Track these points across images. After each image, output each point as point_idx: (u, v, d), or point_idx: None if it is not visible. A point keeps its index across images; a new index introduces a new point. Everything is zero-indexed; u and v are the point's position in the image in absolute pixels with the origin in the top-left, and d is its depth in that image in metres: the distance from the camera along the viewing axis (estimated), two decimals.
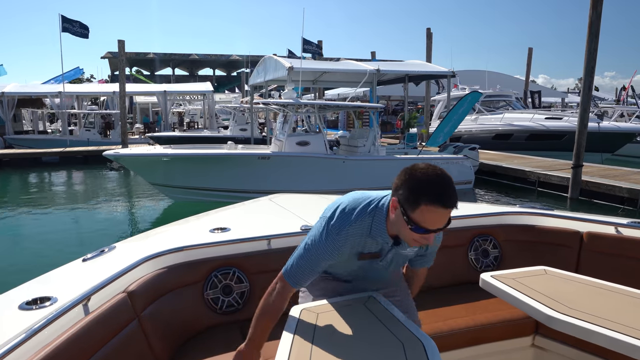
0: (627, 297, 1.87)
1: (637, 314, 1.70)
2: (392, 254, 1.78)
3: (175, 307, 2.30)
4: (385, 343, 1.49)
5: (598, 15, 9.16)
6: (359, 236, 1.69)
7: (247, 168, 9.33)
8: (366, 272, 1.87)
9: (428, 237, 1.55)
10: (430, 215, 1.49)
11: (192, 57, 50.42)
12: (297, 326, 1.60)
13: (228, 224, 2.82)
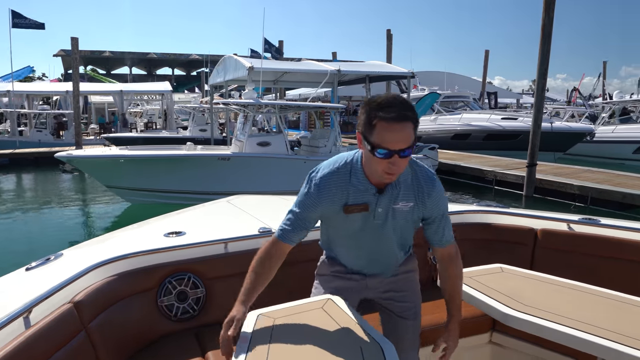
0: (580, 293, 1.92)
1: (589, 310, 1.74)
2: (382, 208, 1.71)
3: (127, 316, 2.20)
4: (343, 346, 1.46)
5: (550, 19, 9.48)
6: (341, 183, 1.70)
7: (207, 169, 9.17)
8: (367, 241, 1.80)
9: (394, 162, 1.53)
10: (388, 133, 1.50)
11: (150, 56, 49.31)
12: (253, 332, 1.55)
13: (184, 227, 2.73)
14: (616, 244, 2.65)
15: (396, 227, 1.79)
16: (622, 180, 10.10)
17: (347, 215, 1.73)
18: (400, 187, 1.71)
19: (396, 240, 1.84)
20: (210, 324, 2.41)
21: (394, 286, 1.93)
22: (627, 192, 8.86)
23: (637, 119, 18.33)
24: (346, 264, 1.93)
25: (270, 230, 2.68)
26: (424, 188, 1.73)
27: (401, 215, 1.76)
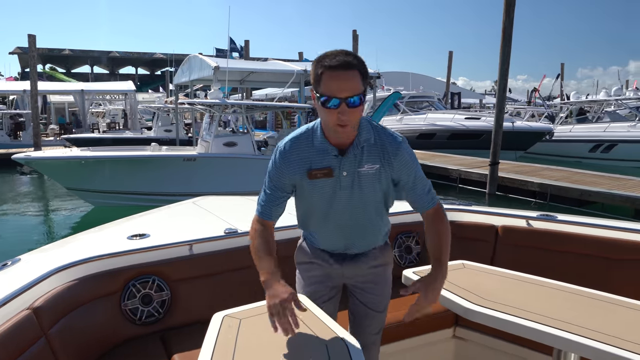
0: (539, 287, 1.99)
1: (547, 303, 1.81)
2: (347, 172, 1.70)
3: (89, 321, 2.15)
4: (309, 345, 1.48)
5: (511, 21, 9.74)
6: (303, 148, 1.73)
7: (172, 170, 9.03)
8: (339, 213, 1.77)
9: (343, 112, 1.54)
10: (333, 82, 1.53)
11: (113, 54, 48.19)
12: (219, 333, 1.55)
13: (148, 229, 2.69)
14: (572, 238, 2.75)
15: (367, 195, 1.75)
16: (579, 177, 10.48)
17: (314, 183, 1.73)
18: (363, 148, 1.70)
19: (370, 211, 1.80)
20: (176, 327, 2.39)
21: (369, 278, 1.92)
22: (584, 189, 9.19)
23: (593, 119, 19.03)
24: (322, 244, 1.89)
25: (236, 231, 2.67)
26: (388, 148, 1.71)
27: (368, 180, 1.72)
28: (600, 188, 9.12)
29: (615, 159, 16.30)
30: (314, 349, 1.46)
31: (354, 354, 1.42)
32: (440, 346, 2.73)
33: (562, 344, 1.56)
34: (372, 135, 1.71)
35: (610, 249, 2.59)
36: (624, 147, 16.35)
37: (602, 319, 1.66)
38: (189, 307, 2.44)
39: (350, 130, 1.63)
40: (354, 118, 1.58)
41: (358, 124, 1.67)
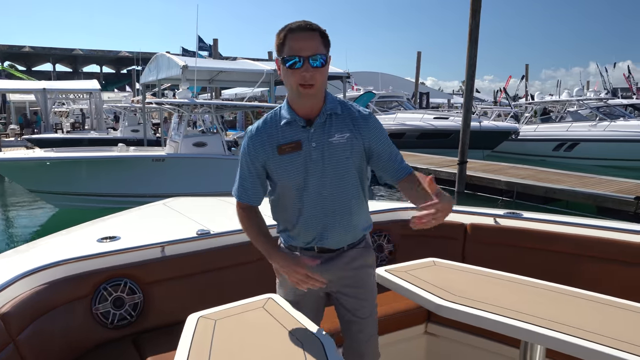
0: (507, 283, 2.03)
1: (516, 298, 1.85)
2: (316, 143, 1.70)
3: (59, 326, 2.10)
4: (285, 344, 1.48)
5: (477, 24, 9.94)
6: (270, 127, 1.76)
7: (141, 171, 8.86)
8: (313, 192, 1.73)
9: (307, 70, 1.59)
10: (295, 43, 1.60)
11: (76, 52, 46.93)
12: (194, 335, 1.53)
13: (118, 232, 2.63)
14: (537, 235, 2.84)
15: (340, 169, 1.73)
16: (544, 175, 10.77)
17: (284, 159, 1.72)
18: (332, 117, 1.72)
19: (345, 190, 1.76)
20: (149, 330, 2.35)
21: (350, 281, 1.88)
22: (549, 186, 9.45)
23: (556, 119, 19.60)
24: (296, 238, 1.84)
25: (209, 232, 2.64)
26: (357, 116, 1.74)
27: (340, 151, 1.71)
28: (564, 186, 9.39)
29: (577, 157, 16.84)
30: (289, 348, 1.46)
31: (329, 351, 1.43)
32: (413, 342, 2.76)
33: (529, 336, 1.61)
34: (339, 106, 1.74)
35: (574, 245, 2.68)
36: (585, 145, 16.90)
37: (568, 312, 1.71)
38: (162, 310, 2.40)
39: (315, 93, 1.66)
40: (318, 79, 1.62)
41: (323, 90, 1.71)
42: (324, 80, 1.66)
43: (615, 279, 2.49)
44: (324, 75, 1.65)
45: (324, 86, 1.69)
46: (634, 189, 8.81)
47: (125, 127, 18.62)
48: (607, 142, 16.22)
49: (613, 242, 2.57)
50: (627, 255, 2.50)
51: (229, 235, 2.67)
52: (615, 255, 2.53)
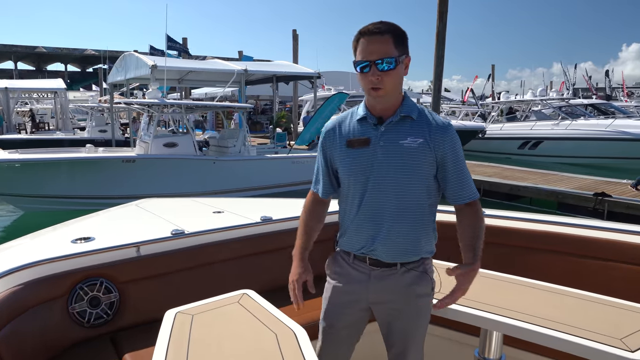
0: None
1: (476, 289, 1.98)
2: (385, 142, 1.69)
3: (36, 325, 2.12)
4: (260, 335, 1.57)
5: (444, 26, 10.19)
6: (344, 122, 1.80)
7: (110, 172, 8.75)
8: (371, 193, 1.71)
9: (374, 74, 1.61)
10: (364, 47, 1.63)
11: (39, 50, 45.59)
12: (172, 329, 1.60)
13: (92, 233, 2.65)
14: (493, 230, 3.00)
15: (405, 173, 1.68)
16: (510, 173, 11.11)
17: (352, 153, 1.73)
18: (406, 120, 1.70)
19: (408, 196, 1.70)
20: (126, 328, 2.39)
21: (399, 305, 1.78)
22: (513, 184, 9.77)
23: (521, 118, 20.17)
24: (348, 241, 1.82)
25: (183, 232, 2.69)
26: (434, 125, 1.69)
27: (410, 155, 1.67)
28: (528, 183, 9.72)
29: (541, 155, 17.38)
30: (264, 338, 1.55)
31: (302, 341, 1.53)
32: (374, 336, 2.88)
33: (488, 324, 1.74)
34: (417, 112, 1.71)
35: (531, 240, 2.85)
36: (548, 144, 17.47)
37: (522, 300, 1.85)
38: (139, 308, 2.45)
39: (385, 96, 1.67)
40: (388, 82, 1.63)
41: (396, 91, 1.69)
42: (394, 83, 1.65)
43: (561, 269, 2.67)
44: (394, 78, 1.64)
45: (395, 89, 1.68)
46: (593, 186, 9.20)
47: (92, 127, 18.24)
48: (568, 140, 16.80)
49: (558, 235, 2.76)
50: (570, 247, 2.69)
51: (203, 234, 2.73)
52: (560, 247, 2.72)
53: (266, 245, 2.89)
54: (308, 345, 1.50)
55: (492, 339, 1.88)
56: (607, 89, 33.91)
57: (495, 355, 1.88)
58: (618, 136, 15.65)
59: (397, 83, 1.67)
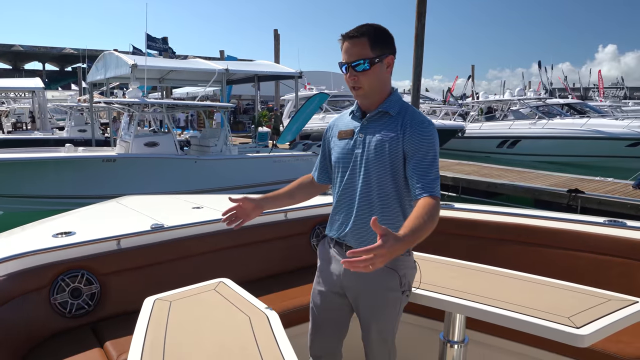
0: (434, 263, 2.30)
1: (441, 276, 2.12)
2: (364, 134, 1.84)
3: (18, 315, 2.19)
4: (234, 318, 1.67)
5: (422, 26, 10.36)
6: (344, 117, 1.99)
7: (91, 172, 8.70)
8: (347, 181, 1.86)
9: (351, 74, 1.77)
10: (343, 50, 1.79)
11: (16, 48, 44.76)
12: (151, 314, 1.69)
13: (72, 228, 2.71)
14: (463, 223, 3.14)
15: (374, 164, 1.78)
16: (488, 171, 11.34)
17: (340, 143, 1.92)
18: (384, 116, 1.83)
19: (372, 185, 1.79)
20: (107, 318, 2.46)
21: (365, 295, 1.86)
22: (491, 181, 9.99)
23: (500, 117, 20.53)
24: (331, 226, 1.95)
25: (162, 226, 2.76)
26: (407, 121, 1.79)
27: (379, 148, 1.78)
28: (505, 180, 9.95)
29: (519, 154, 17.73)
30: (238, 321, 1.65)
31: (274, 323, 1.62)
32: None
33: (451, 307, 1.86)
34: (396, 110, 1.82)
35: (502, 232, 2.99)
36: (526, 142, 17.82)
37: (488, 286, 1.97)
38: (119, 299, 2.52)
39: (364, 94, 1.81)
40: (364, 82, 1.77)
41: (376, 89, 1.81)
42: (370, 82, 1.77)
43: (529, 258, 2.82)
44: (371, 78, 1.76)
45: (374, 87, 1.80)
46: (568, 183, 9.46)
47: (71, 127, 18.02)
48: (545, 139, 17.17)
49: (525, 227, 2.91)
50: (538, 238, 2.84)
51: (182, 228, 2.81)
52: (529, 239, 2.87)
53: (243, 238, 2.98)
54: (279, 327, 1.60)
55: (456, 322, 1.99)
56: (581, 89, 34.72)
57: (458, 338, 1.99)
58: (592, 135, 16.05)
59: (375, 82, 1.79)
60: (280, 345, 1.48)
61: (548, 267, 2.65)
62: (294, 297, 2.70)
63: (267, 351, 1.45)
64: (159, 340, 1.51)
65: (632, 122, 16.00)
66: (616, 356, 2.07)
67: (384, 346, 1.90)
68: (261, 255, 3.05)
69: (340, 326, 2.01)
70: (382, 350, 1.91)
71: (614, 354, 2.08)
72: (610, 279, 2.51)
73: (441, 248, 2.72)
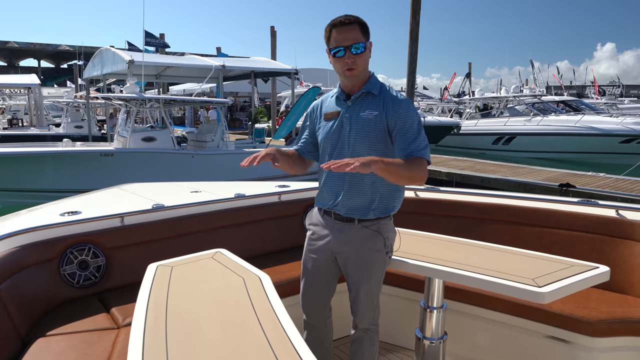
0: (421, 238, 2.45)
1: (425, 248, 2.26)
2: (349, 114, 2.02)
3: (32, 283, 2.35)
4: (229, 280, 1.81)
5: (417, 23, 10.47)
6: (328, 99, 2.16)
7: (89, 166, 8.79)
8: (337, 154, 2.03)
9: (349, 57, 1.93)
10: (338, 35, 1.93)
11: (11, 45, 44.60)
12: (154, 277, 1.83)
13: (78, 209, 2.86)
14: (449, 204, 3.30)
15: (361, 140, 1.98)
16: (482, 166, 11.48)
17: (326, 124, 2.08)
18: (367, 97, 2.02)
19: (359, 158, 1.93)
20: (112, 289, 2.63)
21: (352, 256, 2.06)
22: (484, 176, 10.13)
23: (496, 114, 20.67)
24: (319, 198, 2.15)
25: (163, 206, 2.90)
26: (389, 100, 1.99)
27: (366, 125, 1.98)
28: (498, 175, 10.08)
29: (514, 150, 17.88)
30: (233, 282, 1.79)
31: (266, 284, 1.76)
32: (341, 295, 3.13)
33: (429, 272, 2.02)
34: (378, 89, 2.02)
35: (484, 212, 3.17)
36: (521, 139, 17.97)
37: (464, 256, 2.12)
38: (123, 271, 2.68)
39: (358, 75, 1.98)
40: (359, 63, 1.95)
41: (365, 71, 2.01)
42: (364, 63, 1.97)
43: (509, 235, 3.00)
44: (363, 59, 1.96)
45: (364, 68, 2.00)
46: (560, 178, 9.59)
47: (68, 123, 18.07)
48: (540, 135, 17.32)
49: (505, 206, 3.10)
50: (514, 216, 3.04)
51: (182, 208, 2.98)
52: (505, 217, 3.07)
53: (239, 218, 3.15)
54: (270, 286, 1.74)
55: (434, 288, 2.15)
56: (576, 87, 35.00)
57: (437, 304, 2.16)
58: (586, 131, 16.21)
59: (365, 64, 2.00)
60: (270, 299, 1.62)
61: (525, 243, 2.83)
62: (287, 271, 2.86)
63: (259, 303, 1.60)
64: (162, 299, 1.65)
65: (626, 118, 16.17)
66: (583, 319, 2.28)
67: (370, 305, 2.10)
68: (256, 234, 3.19)
69: (329, 285, 2.21)
70: (368, 308, 2.10)
71: (581, 317, 2.28)
72: (583, 252, 2.70)
73: (427, 228, 2.86)
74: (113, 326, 2.23)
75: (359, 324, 2.13)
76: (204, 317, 1.51)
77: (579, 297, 2.43)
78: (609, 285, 2.39)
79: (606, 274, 1.92)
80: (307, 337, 2.25)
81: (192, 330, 1.43)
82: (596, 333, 2.25)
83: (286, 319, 1.47)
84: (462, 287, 2.60)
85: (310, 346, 1.39)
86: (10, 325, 2.07)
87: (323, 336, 2.27)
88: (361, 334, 2.14)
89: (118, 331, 2.18)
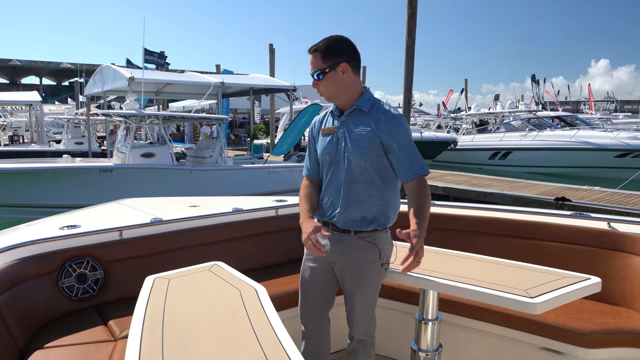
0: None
1: (422, 260, 2.28)
2: (343, 129, 2.11)
3: (31, 295, 2.39)
4: (225, 292, 1.87)
5: (413, 40, 10.63)
6: (325, 115, 2.25)
7: (88, 182, 8.86)
8: (335, 171, 2.12)
9: (314, 83, 2.10)
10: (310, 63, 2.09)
11: (13, 62, 45.01)
12: (152, 290, 1.88)
13: (76, 222, 2.91)
14: (443, 218, 3.35)
15: (356, 155, 2.05)
16: (478, 181, 11.58)
17: (324, 139, 2.18)
18: (359, 114, 2.10)
19: (355, 174, 2.08)
20: (110, 302, 2.66)
21: (348, 267, 2.12)
22: (480, 190, 10.22)
23: (492, 130, 20.84)
24: (321, 210, 2.20)
25: (161, 219, 2.96)
26: (381, 116, 2.07)
27: (359, 141, 2.06)
28: (494, 190, 10.18)
29: (510, 165, 17.99)
30: (229, 294, 1.84)
31: (262, 295, 1.81)
32: (337, 308, 3.18)
33: (425, 284, 2.06)
34: (369, 106, 2.11)
35: (477, 225, 3.23)
36: (517, 154, 18.10)
37: (459, 268, 2.17)
38: (121, 285, 2.71)
39: (329, 98, 2.13)
40: (323, 88, 2.10)
41: (339, 92, 2.11)
42: (326, 87, 2.10)
43: (502, 248, 3.05)
44: (325, 84, 2.09)
45: (335, 91, 2.11)
46: (555, 192, 9.69)
47: (68, 139, 18.19)
48: (536, 150, 17.45)
49: (498, 220, 3.15)
50: (508, 229, 3.09)
51: (180, 222, 3.03)
52: (499, 230, 3.12)
53: (237, 232, 3.20)
54: (267, 299, 1.79)
55: (429, 300, 2.19)
56: (571, 103, 35.31)
57: (432, 316, 2.19)
58: (582, 146, 16.35)
59: (334, 87, 2.10)
60: (266, 311, 1.67)
61: (519, 256, 2.88)
62: (284, 284, 2.91)
63: (255, 315, 1.64)
64: (159, 311, 1.70)
65: (620, 133, 16.32)
66: (576, 331, 2.31)
67: (365, 316, 2.14)
68: (253, 247, 3.25)
69: (327, 296, 2.26)
70: (364, 319, 2.14)
71: (574, 329, 2.31)
72: (576, 264, 2.75)
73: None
74: (110, 338, 2.28)
75: (354, 334, 2.17)
76: (200, 328, 1.55)
77: (572, 308, 2.47)
78: (601, 296, 2.45)
79: (598, 285, 1.97)
80: (305, 348, 2.27)
81: (189, 342, 1.46)
82: (589, 344, 2.28)
83: (282, 331, 1.50)
84: (456, 299, 2.64)
85: (307, 358, 1.44)
86: (8, 337, 2.11)
87: (320, 348, 2.28)
88: (357, 345, 2.18)
89: (115, 343, 2.22)
